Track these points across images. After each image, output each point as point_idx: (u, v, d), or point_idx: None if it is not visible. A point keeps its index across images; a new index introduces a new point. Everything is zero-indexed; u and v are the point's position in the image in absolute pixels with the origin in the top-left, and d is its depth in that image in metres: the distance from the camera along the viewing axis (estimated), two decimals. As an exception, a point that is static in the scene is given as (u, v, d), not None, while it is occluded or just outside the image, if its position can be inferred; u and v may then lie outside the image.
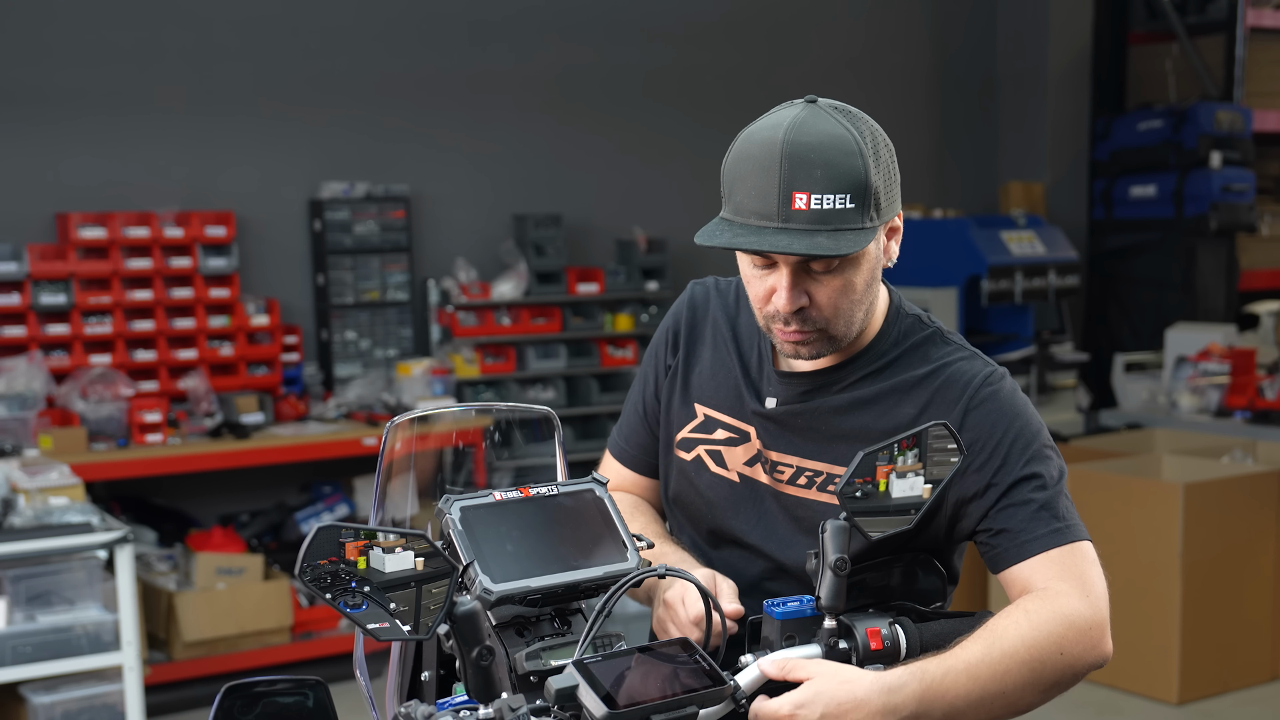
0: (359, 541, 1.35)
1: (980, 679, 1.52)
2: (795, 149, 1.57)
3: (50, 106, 5.45)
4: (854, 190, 1.57)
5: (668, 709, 1.34)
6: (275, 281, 5.85)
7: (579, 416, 6.14)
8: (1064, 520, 1.64)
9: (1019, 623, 1.56)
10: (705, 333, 1.86)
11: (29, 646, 3.80)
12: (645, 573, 1.53)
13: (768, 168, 1.58)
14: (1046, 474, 1.66)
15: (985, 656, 1.53)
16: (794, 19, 7.11)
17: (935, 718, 1.50)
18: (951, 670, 1.51)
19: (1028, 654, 1.54)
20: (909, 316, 1.78)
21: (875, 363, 1.74)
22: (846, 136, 1.59)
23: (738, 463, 1.79)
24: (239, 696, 1.32)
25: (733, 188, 1.63)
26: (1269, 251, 7.62)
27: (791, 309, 1.62)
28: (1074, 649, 1.57)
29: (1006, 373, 1.74)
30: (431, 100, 6.19)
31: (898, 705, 1.47)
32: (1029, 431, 1.68)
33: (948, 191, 7.64)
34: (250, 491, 5.69)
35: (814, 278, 1.63)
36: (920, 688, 1.49)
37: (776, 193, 1.56)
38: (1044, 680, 1.56)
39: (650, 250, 6.37)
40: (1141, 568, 4.86)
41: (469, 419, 1.77)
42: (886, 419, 1.71)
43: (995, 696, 1.53)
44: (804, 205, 1.56)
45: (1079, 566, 1.62)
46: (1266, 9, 7.52)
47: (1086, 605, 1.60)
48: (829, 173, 1.57)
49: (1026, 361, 6.64)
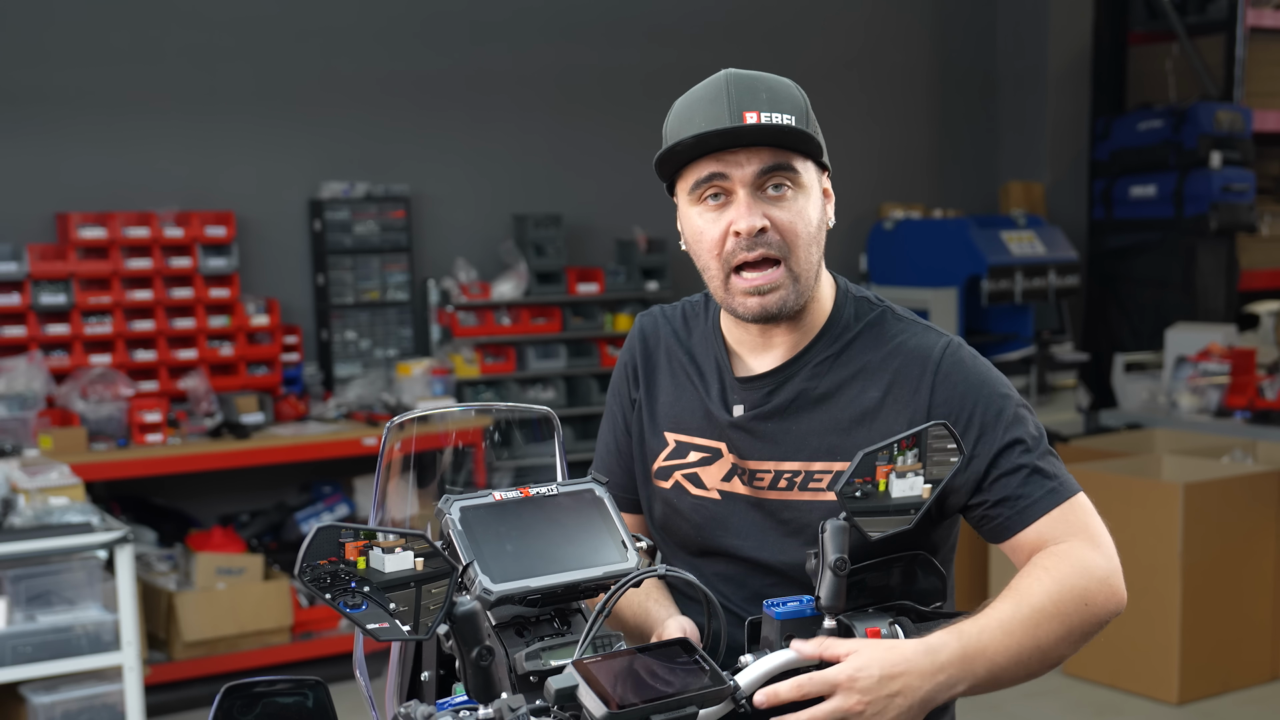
0: (359, 541, 1.35)
1: (1015, 634, 1.55)
2: (739, 78, 1.66)
3: (50, 107, 5.46)
4: (797, 114, 1.65)
5: (668, 709, 1.34)
6: (275, 281, 5.85)
7: (579, 416, 6.14)
8: (1056, 478, 1.67)
9: (1041, 580, 1.59)
10: (660, 361, 1.86)
11: (29, 646, 3.80)
12: (645, 573, 1.53)
13: (715, 98, 1.65)
14: (1027, 436, 1.68)
15: (1016, 613, 1.56)
16: (794, 19, 7.11)
17: (980, 674, 1.53)
18: (986, 628, 1.54)
19: (1055, 608, 1.58)
20: (858, 298, 1.80)
21: (831, 346, 1.75)
22: (782, 78, 1.69)
23: (715, 480, 1.79)
24: (239, 697, 1.32)
25: (679, 133, 1.66)
26: (1269, 251, 7.62)
27: (753, 228, 1.64)
28: (1097, 598, 1.61)
29: (962, 341, 1.76)
30: (431, 100, 6.19)
31: (943, 664, 1.50)
32: (999, 396, 1.70)
33: (948, 191, 7.64)
34: (250, 491, 5.69)
35: (770, 202, 1.66)
36: (960, 646, 1.52)
37: (727, 111, 1.63)
38: (1074, 632, 1.60)
39: (650, 250, 6.37)
40: (1141, 568, 4.86)
41: (469, 419, 1.77)
42: (853, 406, 1.72)
43: (1031, 651, 1.57)
44: (756, 120, 1.62)
45: (1082, 520, 1.66)
46: (1266, 9, 7.51)
47: (1100, 555, 1.64)
48: (773, 95, 1.65)
49: (1026, 361, 6.64)
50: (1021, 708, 4.81)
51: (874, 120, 7.27)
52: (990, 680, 1.55)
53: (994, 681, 1.56)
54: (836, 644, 1.49)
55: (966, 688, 1.54)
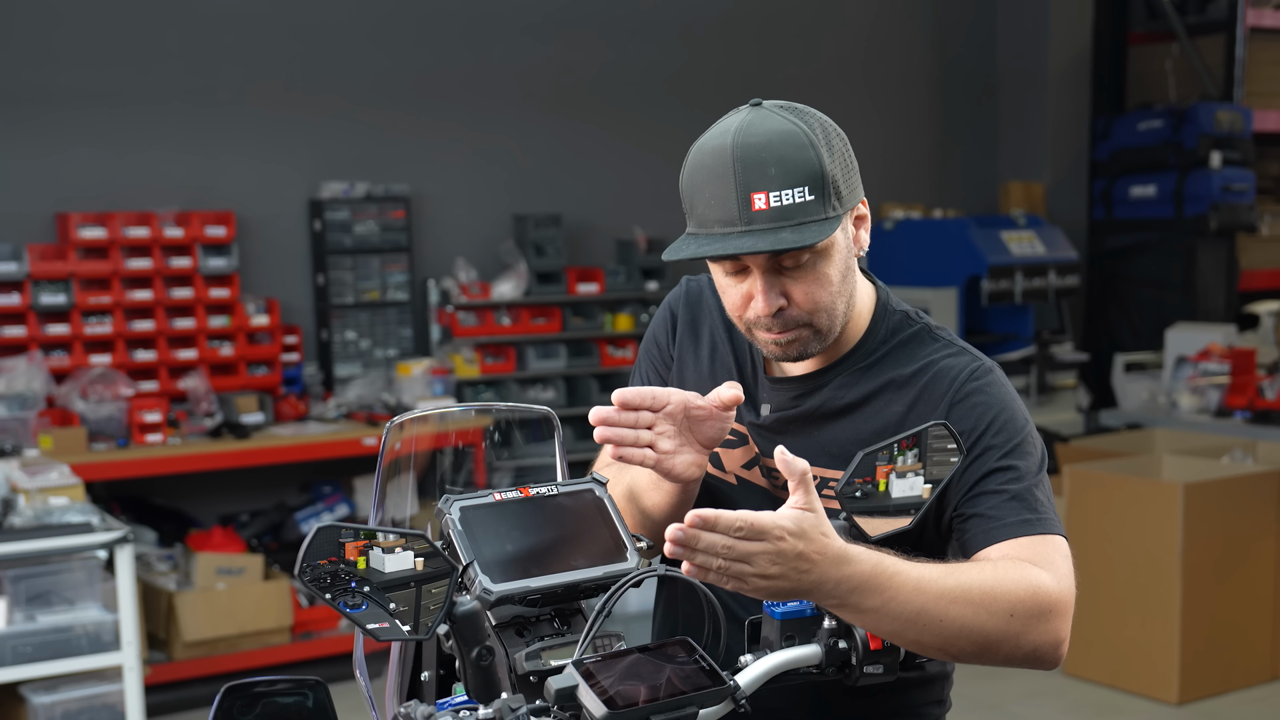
0: (359, 541, 1.35)
1: (925, 595, 1.47)
2: (746, 150, 1.58)
3: (51, 106, 5.46)
4: (810, 182, 1.58)
5: (668, 709, 1.34)
6: (275, 281, 5.85)
7: (579, 416, 6.12)
8: (1037, 513, 1.62)
9: (984, 569, 1.54)
10: (703, 329, 1.85)
11: (29, 646, 3.80)
12: (645, 573, 1.53)
13: (722, 175, 1.58)
14: (1024, 468, 1.65)
15: (940, 580, 1.49)
16: (794, 19, 7.11)
17: (864, 606, 1.45)
18: (902, 573, 1.46)
19: (980, 597, 1.50)
20: (896, 313, 1.77)
21: (864, 360, 1.74)
22: (795, 131, 1.60)
23: (735, 465, 1.79)
24: (239, 697, 1.32)
25: (693, 201, 1.63)
26: (1269, 251, 7.62)
27: (770, 311, 1.62)
28: (1025, 616, 1.52)
29: (995, 366, 1.72)
30: (432, 100, 6.19)
31: (843, 578, 1.42)
32: (1012, 425, 1.67)
33: (948, 191, 7.64)
34: (250, 491, 5.69)
35: (787, 276, 1.62)
36: (869, 572, 1.44)
37: (734, 197, 1.57)
38: (984, 632, 1.51)
39: (650, 250, 6.37)
40: (1141, 568, 4.86)
41: (469, 419, 1.77)
42: (876, 419, 1.71)
43: (931, 620, 1.48)
44: (764, 205, 1.57)
45: (1049, 555, 1.59)
46: (1266, 9, 7.52)
47: (1054, 583, 1.56)
48: (783, 168, 1.57)
49: (1026, 361, 6.65)
50: (1021, 707, 4.81)
51: (874, 120, 7.27)
52: (871, 621, 1.47)
53: (872, 626, 1.48)
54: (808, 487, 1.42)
55: (843, 611, 1.46)
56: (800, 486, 1.41)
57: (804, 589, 1.41)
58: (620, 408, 1.59)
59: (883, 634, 1.51)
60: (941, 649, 1.52)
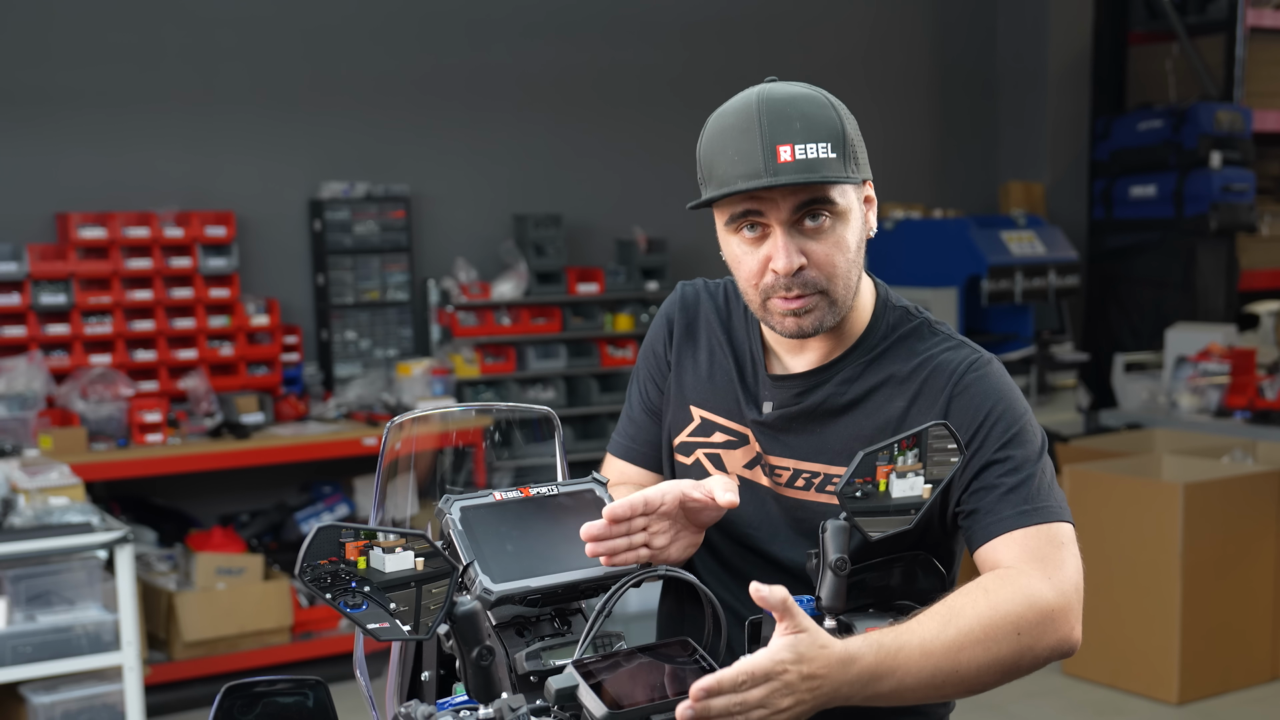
0: (359, 541, 1.35)
1: (933, 656, 1.46)
2: (772, 104, 1.62)
3: (51, 106, 5.46)
4: (833, 139, 1.61)
5: (668, 709, 1.34)
6: (275, 281, 5.85)
7: (579, 416, 6.14)
8: (1034, 502, 1.61)
9: (977, 601, 1.52)
10: (699, 334, 1.86)
11: (29, 646, 3.80)
12: (645, 573, 1.53)
13: (747, 129, 1.61)
14: (1022, 457, 1.64)
15: (940, 634, 1.48)
16: (795, 19, 7.11)
17: (883, 693, 1.44)
18: (906, 646, 1.46)
19: (983, 633, 1.49)
20: (896, 308, 1.78)
21: (865, 355, 1.74)
22: (815, 94, 1.65)
23: (737, 465, 1.79)
24: (239, 696, 1.32)
25: (713, 163, 1.64)
26: (1269, 251, 7.62)
27: (790, 269, 1.62)
28: (1032, 630, 1.52)
29: (993, 358, 1.72)
30: (431, 100, 6.19)
31: (854, 677, 1.41)
32: (1009, 415, 1.66)
33: (948, 191, 7.64)
34: (250, 491, 5.69)
35: (807, 235, 1.63)
36: (874, 661, 1.43)
37: (760, 149, 1.59)
38: (1000, 662, 1.51)
39: (650, 250, 6.37)
40: (1141, 568, 4.86)
41: (469, 419, 1.77)
42: (878, 415, 1.71)
43: (948, 674, 1.48)
44: (789, 157, 1.59)
45: (1045, 549, 1.59)
46: (1266, 9, 7.52)
47: (1049, 587, 1.55)
48: (807, 124, 1.61)
49: (1026, 361, 6.64)
50: (1021, 708, 4.81)
51: (874, 120, 7.25)
52: (894, 699, 1.47)
53: (899, 700, 1.47)
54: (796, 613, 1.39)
55: (870, 702, 1.45)
56: (784, 614, 1.38)
57: (825, 700, 1.40)
58: (610, 523, 1.52)
59: (911, 704, 1.51)
60: (969, 690, 1.53)
